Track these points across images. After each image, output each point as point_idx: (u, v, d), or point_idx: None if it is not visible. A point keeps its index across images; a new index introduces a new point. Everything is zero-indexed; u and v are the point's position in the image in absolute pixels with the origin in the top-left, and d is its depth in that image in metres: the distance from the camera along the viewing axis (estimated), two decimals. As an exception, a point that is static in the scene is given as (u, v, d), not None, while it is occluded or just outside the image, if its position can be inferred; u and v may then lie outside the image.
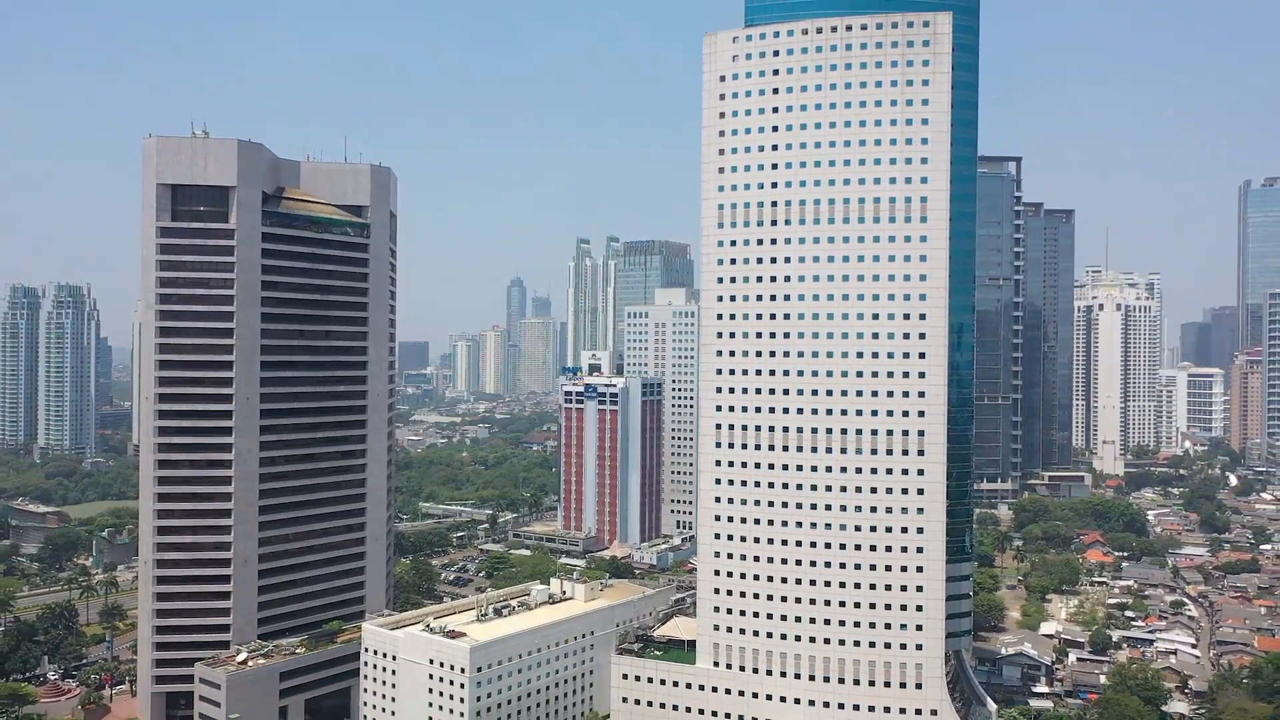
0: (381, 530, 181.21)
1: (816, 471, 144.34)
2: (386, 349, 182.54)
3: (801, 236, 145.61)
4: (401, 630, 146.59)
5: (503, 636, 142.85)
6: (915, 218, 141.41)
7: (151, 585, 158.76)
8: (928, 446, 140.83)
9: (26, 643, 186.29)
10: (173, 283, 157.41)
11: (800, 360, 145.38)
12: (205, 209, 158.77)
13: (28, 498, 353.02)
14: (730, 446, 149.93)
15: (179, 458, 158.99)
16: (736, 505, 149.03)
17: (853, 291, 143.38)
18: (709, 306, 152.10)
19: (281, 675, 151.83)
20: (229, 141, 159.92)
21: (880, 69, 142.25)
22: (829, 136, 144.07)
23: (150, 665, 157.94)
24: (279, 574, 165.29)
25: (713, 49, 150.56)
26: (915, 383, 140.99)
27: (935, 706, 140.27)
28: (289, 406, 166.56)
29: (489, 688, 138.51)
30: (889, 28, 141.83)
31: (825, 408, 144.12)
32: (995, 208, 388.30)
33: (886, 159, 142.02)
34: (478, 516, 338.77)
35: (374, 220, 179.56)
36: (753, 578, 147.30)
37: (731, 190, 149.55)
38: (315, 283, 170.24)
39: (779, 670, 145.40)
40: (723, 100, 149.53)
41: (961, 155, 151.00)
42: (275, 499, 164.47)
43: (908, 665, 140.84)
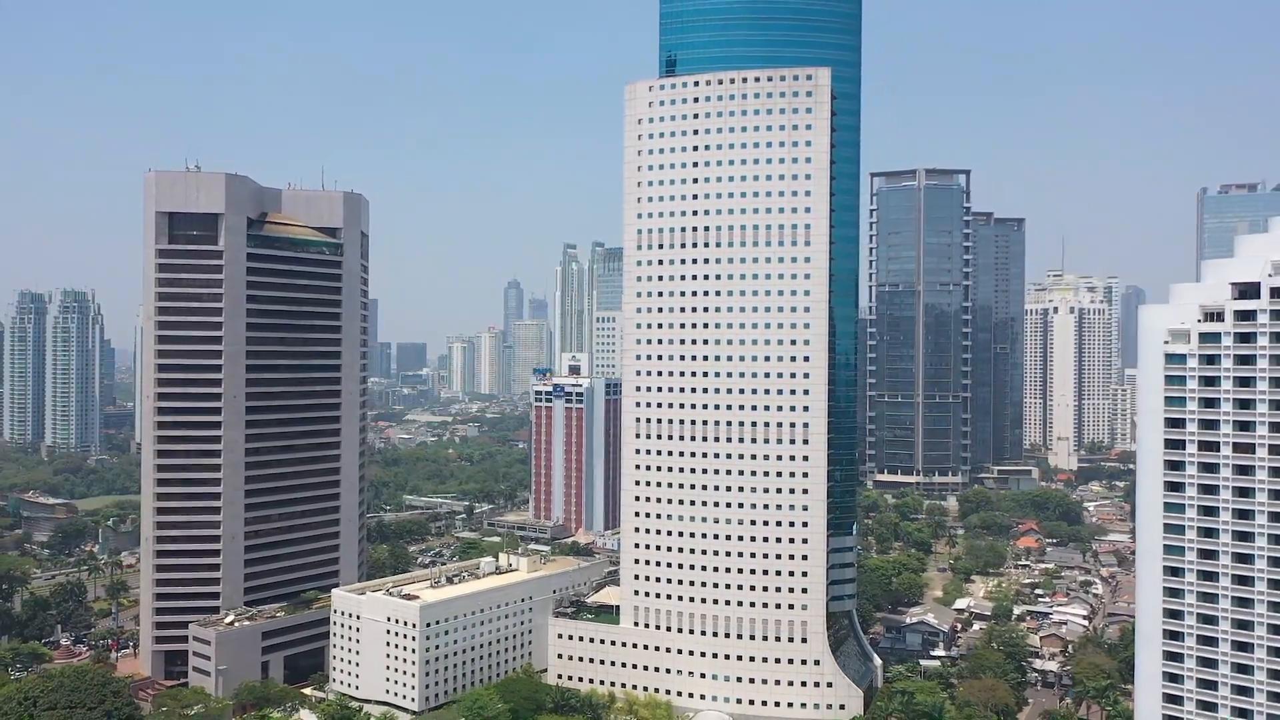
0: (354, 512, 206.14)
1: (719, 458, 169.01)
2: (358, 353, 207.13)
3: (706, 257, 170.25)
4: (365, 594, 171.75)
5: (450, 598, 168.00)
6: (800, 241, 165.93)
7: (152, 559, 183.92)
8: (811, 436, 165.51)
9: (42, 613, 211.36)
10: (169, 297, 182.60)
11: (705, 363, 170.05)
12: (197, 233, 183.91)
13: (37, 491, 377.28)
14: (648, 438, 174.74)
15: (175, 448, 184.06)
16: (654, 488, 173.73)
17: (749, 304, 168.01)
18: (629, 317, 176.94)
19: (264, 635, 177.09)
20: (218, 175, 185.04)
21: (771, 115, 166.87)
22: (729, 172, 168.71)
23: (151, 627, 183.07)
24: (263, 549, 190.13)
25: (632, 96, 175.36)
26: (800, 382, 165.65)
27: (818, 657, 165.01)
28: (271, 404, 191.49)
29: (437, 640, 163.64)
30: (778, 80, 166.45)
31: (726, 404, 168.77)
32: (945, 217, 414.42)
33: (776, 191, 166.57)
34: (456, 508, 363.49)
35: (346, 240, 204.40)
36: (667, 549, 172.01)
37: (649, 218, 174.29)
38: (294, 295, 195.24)
39: (689, 628, 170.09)
40: (640, 140, 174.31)
41: (844, 187, 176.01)
42: (259, 484, 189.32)
43: (795, 623, 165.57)
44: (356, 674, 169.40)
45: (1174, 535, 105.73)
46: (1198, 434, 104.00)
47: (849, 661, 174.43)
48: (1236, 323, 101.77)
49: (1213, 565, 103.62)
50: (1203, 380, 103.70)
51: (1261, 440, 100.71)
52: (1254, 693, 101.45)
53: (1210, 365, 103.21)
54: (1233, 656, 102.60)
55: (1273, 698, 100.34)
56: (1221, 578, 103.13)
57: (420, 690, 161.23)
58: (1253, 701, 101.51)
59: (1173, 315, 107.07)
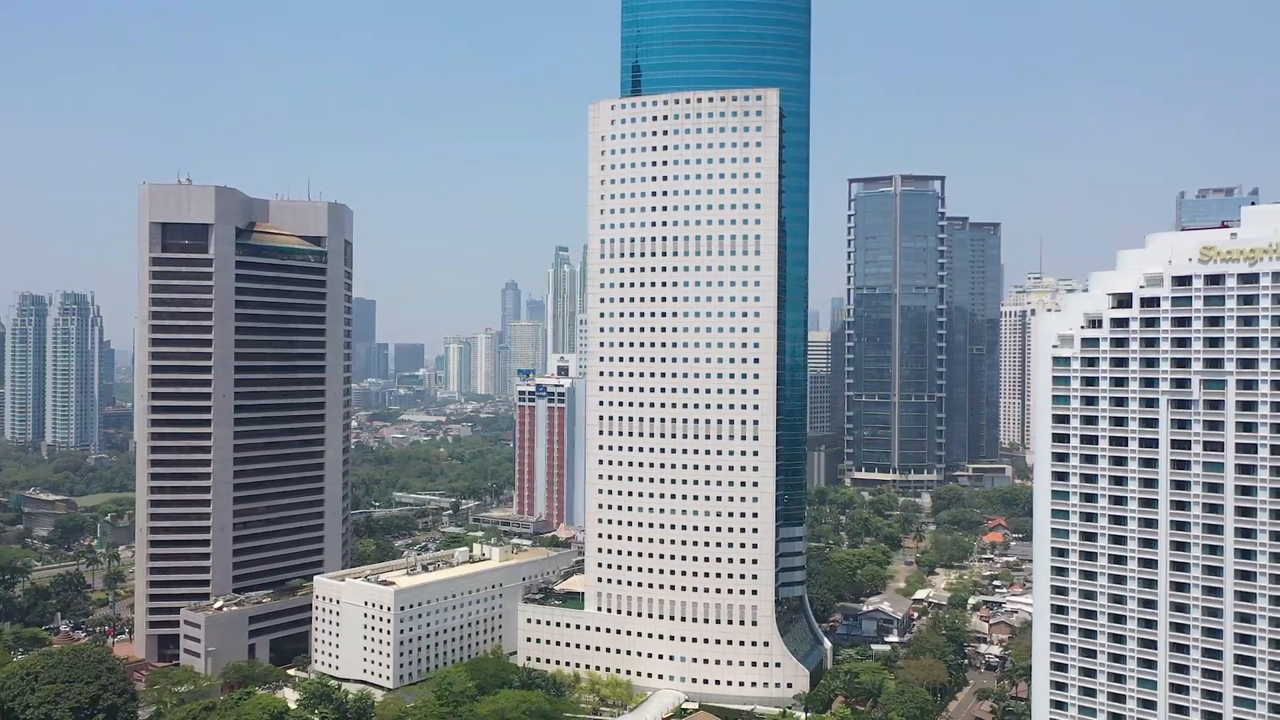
0: (338, 506, 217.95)
1: (676, 454, 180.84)
2: (342, 354, 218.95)
3: (664, 265, 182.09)
4: (345, 581, 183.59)
5: (423, 584, 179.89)
6: (751, 251, 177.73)
7: (146, 549, 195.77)
8: (761, 433, 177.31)
9: (42, 601, 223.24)
10: (162, 303, 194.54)
11: (663, 364, 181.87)
12: (189, 242, 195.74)
13: (38, 488, 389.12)
14: (611, 434, 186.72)
15: (167, 445, 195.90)
16: (616, 481, 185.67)
17: (704, 309, 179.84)
18: (594, 321, 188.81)
19: (251, 619, 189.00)
20: (208, 188, 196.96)
21: (724, 133, 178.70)
22: (685, 186, 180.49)
23: (145, 613, 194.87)
24: (250, 540, 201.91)
25: (596, 114, 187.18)
26: (751, 382, 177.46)
27: (767, 639, 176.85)
28: (258, 403, 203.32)
29: (410, 623, 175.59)
30: (731, 100, 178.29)
31: (682, 402, 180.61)
32: (921, 222, 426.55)
33: (729, 204, 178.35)
34: (443, 504, 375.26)
35: (331, 248, 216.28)
36: (628, 539, 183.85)
37: (611, 228, 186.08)
38: (280, 301, 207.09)
39: (648, 613, 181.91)
40: (603, 155, 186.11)
41: (795, 199, 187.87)
42: (247, 479, 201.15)
43: (745, 607, 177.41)
44: (337, 655, 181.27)
45: (1060, 520, 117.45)
46: (1080, 429, 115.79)
47: (799, 644, 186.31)
48: (1112, 329, 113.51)
49: (1092, 546, 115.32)
50: (1084, 381, 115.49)
51: (1133, 434, 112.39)
52: (1126, 660, 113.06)
53: (1090, 367, 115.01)
54: (1109, 628, 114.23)
55: (1143, 664, 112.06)
56: (1100, 557, 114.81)
57: (395, 669, 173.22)
58: (1125, 668, 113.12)
59: (1061, 322, 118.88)
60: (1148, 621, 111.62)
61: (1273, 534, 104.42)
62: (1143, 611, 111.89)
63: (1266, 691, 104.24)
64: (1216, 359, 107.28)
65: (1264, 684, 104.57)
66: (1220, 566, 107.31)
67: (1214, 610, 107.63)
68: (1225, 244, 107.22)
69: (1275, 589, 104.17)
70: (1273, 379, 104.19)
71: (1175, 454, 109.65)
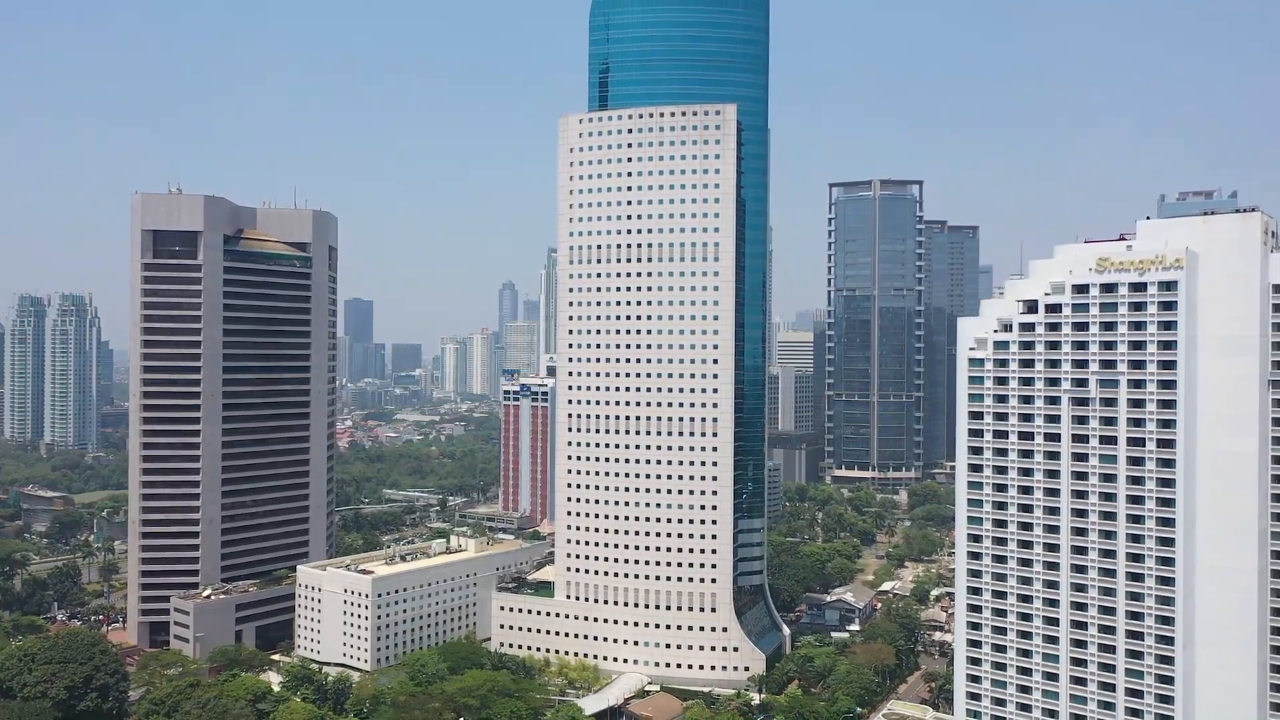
0: (323, 500, 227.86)
1: (640, 450, 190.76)
2: (326, 355, 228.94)
3: (629, 271, 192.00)
4: (326, 570, 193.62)
5: (400, 573, 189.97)
6: (711, 258, 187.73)
7: (138, 540, 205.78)
8: (720, 430, 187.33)
9: (40, 592, 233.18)
10: (154, 306, 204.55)
11: (628, 365, 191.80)
12: (179, 249, 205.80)
13: (36, 485, 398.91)
14: (579, 431, 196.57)
15: (159, 442, 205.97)
16: (584, 476, 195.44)
17: (666, 313, 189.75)
18: (563, 324, 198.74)
19: (237, 607, 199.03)
20: (197, 197, 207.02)
21: (685, 145, 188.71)
22: (649, 196, 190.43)
23: (137, 601, 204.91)
24: (238, 532, 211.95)
25: (565, 127, 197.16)
26: (710, 381, 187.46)
27: (725, 625, 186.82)
28: (246, 402, 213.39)
29: (387, 610, 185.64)
30: (691, 115, 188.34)
31: (646, 401, 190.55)
32: (899, 225, 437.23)
33: (690, 213, 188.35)
34: (431, 501, 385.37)
35: (315, 254, 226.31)
36: (595, 530, 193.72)
37: (580, 235, 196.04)
38: (266, 304, 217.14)
39: (614, 600, 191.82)
40: (572, 166, 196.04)
41: (754, 208, 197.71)
42: (235, 474, 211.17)
43: (705, 594, 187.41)
44: (318, 639, 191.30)
45: (975, 508, 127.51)
46: (992, 425, 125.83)
47: (758, 630, 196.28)
48: (1020, 333, 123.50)
49: (1003, 533, 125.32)
50: (995, 380, 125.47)
51: (1039, 430, 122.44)
52: (1033, 636, 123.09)
53: (1001, 368, 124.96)
54: (1018, 607, 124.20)
55: (1048, 640, 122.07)
56: (1010, 542, 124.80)
57: (372, 652, 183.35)
58: (1033, 643, 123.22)
59: (979, 326, 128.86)
60: (1051, 601, 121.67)
61: (1159, 520, 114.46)
62: (1047, 592, 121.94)
63: (1153, 664, 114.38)
64: (1110, 360, 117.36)
65: (1151, 656, 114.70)
66: (1114, 550, 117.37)
67: (1109, 590, 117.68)
68: (1119, 255, 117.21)
69: (1162, 570, 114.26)
70: (1159, 379, 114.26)
71: (1075, 448, 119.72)
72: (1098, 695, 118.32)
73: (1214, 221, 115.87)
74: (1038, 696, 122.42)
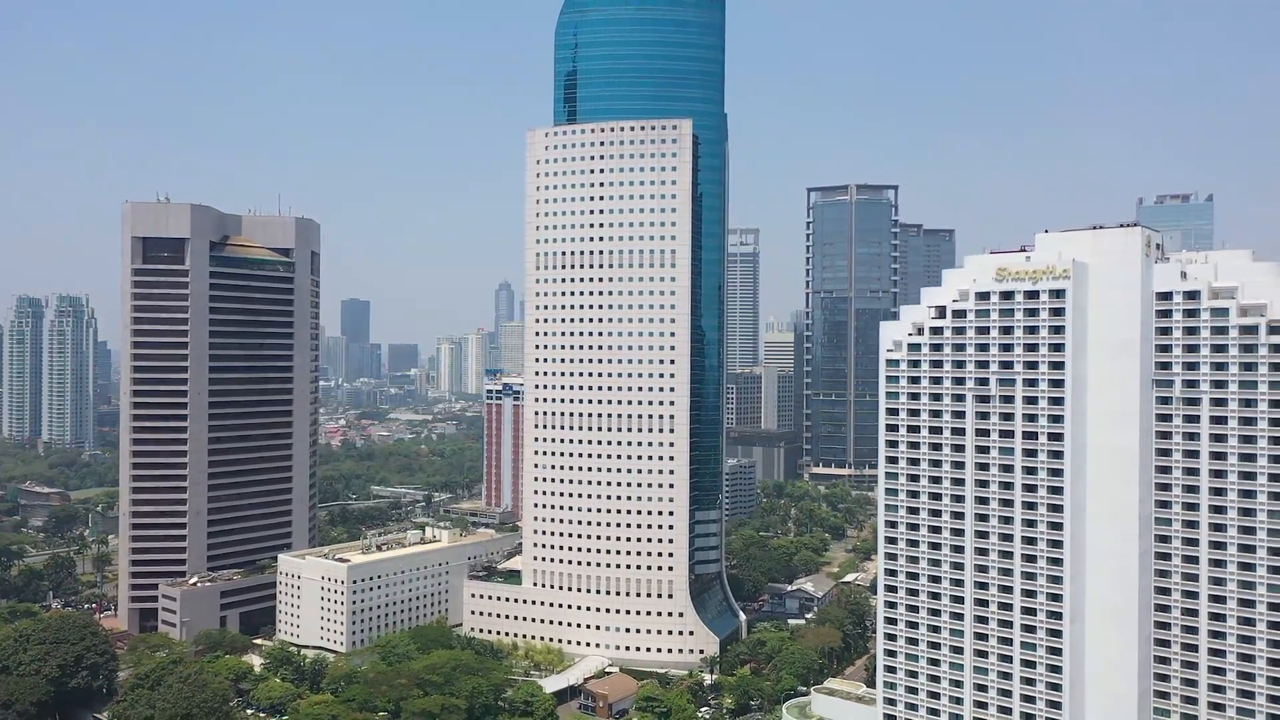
0: (305, 494, 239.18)
1: (601, 445, 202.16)
2: (309, 356, 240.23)
3: (592, 276, 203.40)
4: (306, 558, 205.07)
5: (375, 561, 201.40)
6: (667, 264, 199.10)
7: (128, 531, 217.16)
8: (676, 426, 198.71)
9: (35, 581, 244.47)
10: (143, 310, 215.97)
11: (591, 365, 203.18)
12: (167, 255, 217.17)
13: (34, 481, 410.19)
14: (545, 428, 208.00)
15: (148, 438, 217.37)
16: (550, 470, 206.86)
17: (626, 316, 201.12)
18: (530, 326, 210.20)
19: (222, 594, 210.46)
20: (184, 206, 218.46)
21: (644, 159, 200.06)
22: (610, 205, 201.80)
23: (128, 589, 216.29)
24: (223, 524, 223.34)
25: (532, 140, 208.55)
26: (667, 380, 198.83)
27: (682, 610, 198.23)
28: (231, 400, 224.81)
29: (362, 595, 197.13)
30: (649, 129, 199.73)
31: (607, 399, 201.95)
32: (875, 229, 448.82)
33: (648, 222, 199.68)
34: (417, 497, 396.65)
35: (298, 259, 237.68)
36: (560, 521, 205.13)
37: (546, 243, 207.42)
38: (251, 307, 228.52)
39: (578, 587, 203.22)
40: (538, 178, 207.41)
41: (710, 217, 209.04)
42: (220, 469, 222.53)
43: (662, 581, 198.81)
44: (298, 624, 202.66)
45: (891, 497, 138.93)
46: (906, 420, 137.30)
47: (715, 615, 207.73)
48: (930, 336, 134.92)
49: (915, 519, 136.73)
50: (909, 380, 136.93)
51: (946, 424, 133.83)
52: (941, 614, 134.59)
53: (914, 369, 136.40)
54: (928, 588, 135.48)
55: (954, 617, 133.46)
56: (921, 528, 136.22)
57: (347, 635, 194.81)
58: (941, 619, 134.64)
59: (897, 329, 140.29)
60: (957, 581, 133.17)
61: (1050, 507, 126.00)
62: (953, 573, 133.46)
63: (1044, 637, 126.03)
64: (1008, 361, 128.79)
65: (1042, 630, 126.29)
66: (1011, 534, 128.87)
67: (1006, 570, 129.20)
68: (1017, 266, 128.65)
69: (1052, 552, 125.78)
70: (1049, 378, 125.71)
71: (978, 441, 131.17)
72: (997, 666, 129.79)
73: (1101, 235, 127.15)
74: (945, 669, 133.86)
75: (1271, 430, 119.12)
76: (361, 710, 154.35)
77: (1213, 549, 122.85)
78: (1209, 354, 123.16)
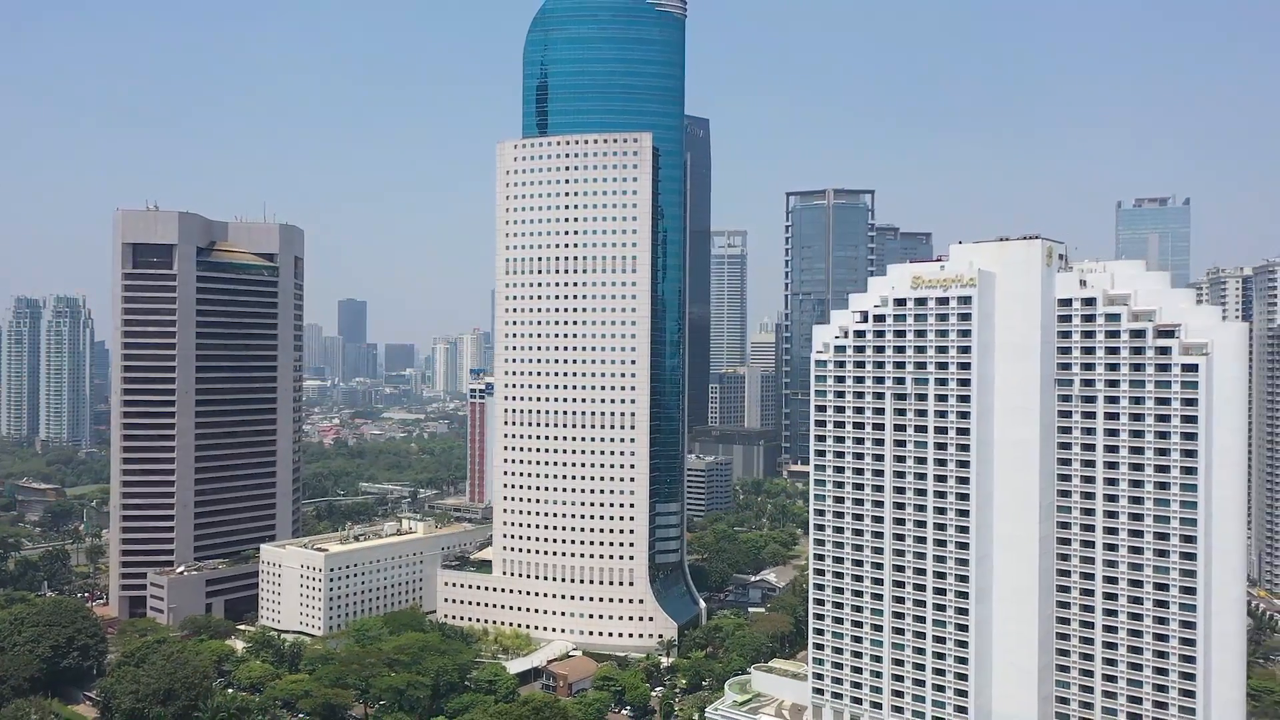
0: (288, 488, 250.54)
1: (567, 441, 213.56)
2: (292, 356, 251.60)
3: (559, 281, 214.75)
4: (286, 548, 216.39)
5: (351, 550, 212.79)
6: (629, 270, 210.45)
7: (119, 523, 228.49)
8: (637, 424, 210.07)
9: (31, 571, 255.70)
10: (133, 312, 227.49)
11: (557, 365, 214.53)
12: (156, 260, 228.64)
13: (30, 478, 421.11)
14: (514, 425, 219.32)
15: (138, 434, 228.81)
16: (519, 465, 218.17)
17: (590, 319, 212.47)
18: (500, 329, 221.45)
19: (208, 582, 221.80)
20: (172, 213, 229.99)
21: (608, 169, 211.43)
22: (575, 214, 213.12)
23: (118, 578, 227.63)
24: (209, 516, 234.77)
25: (502, 152, 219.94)
26: (629, 380, 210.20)
27: (642, 597, 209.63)
28: (217, 399, 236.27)
29: (339, 584, 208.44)
30: (613, 142, 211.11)
31: (572, 398, 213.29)
32: (852, 232, 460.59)
33: (611, 229, 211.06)
34: (404, 493, 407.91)
35: (281, 264, 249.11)
36: (528, 514, 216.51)
37: (515, 249, 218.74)
38: (236, 309, 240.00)
39: (545, 575, 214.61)
40: (508, 187, 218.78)
41: (671, 225, 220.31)
42: (207, 463, 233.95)
43: (624, 570, 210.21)
44: (279, 610, 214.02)
45: (819, 487, 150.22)
46: (831, 416, 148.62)
47: (676, 602, 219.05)
48: (854, 339, 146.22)
49: (842, 507, 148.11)
50: (835, 379, 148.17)
51: (868, 419, 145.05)
52: (864, 594, 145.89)
53: (840, 369, 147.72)
54: (853, 570, 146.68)
55: (874, 597, 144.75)
56: (847, 517, 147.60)
57: (324, 620, 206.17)
58: (864, 600, 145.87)
59: (826, 332, 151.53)
60: (877, 564, 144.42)
61: (958, 495, 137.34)
62: (874, 557, 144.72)
63: (953, 614, 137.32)
64: (921, 362, 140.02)
65: (952, 609, 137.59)
66: (925, 521, 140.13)
67: (920, 554, 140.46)
68: (930, 275, 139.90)
69: (960, 537, 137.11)
70: (957, 378, 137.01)
71: (896, 435, 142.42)
72: (912, 643, 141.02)
73: (1006, 247, 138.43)
74: (867, 645, 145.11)
75: (1158, 425, 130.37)
76: (333, 687, 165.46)
77: (1106, 534, 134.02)
78: (1104, 355, 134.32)
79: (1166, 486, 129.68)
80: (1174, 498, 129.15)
